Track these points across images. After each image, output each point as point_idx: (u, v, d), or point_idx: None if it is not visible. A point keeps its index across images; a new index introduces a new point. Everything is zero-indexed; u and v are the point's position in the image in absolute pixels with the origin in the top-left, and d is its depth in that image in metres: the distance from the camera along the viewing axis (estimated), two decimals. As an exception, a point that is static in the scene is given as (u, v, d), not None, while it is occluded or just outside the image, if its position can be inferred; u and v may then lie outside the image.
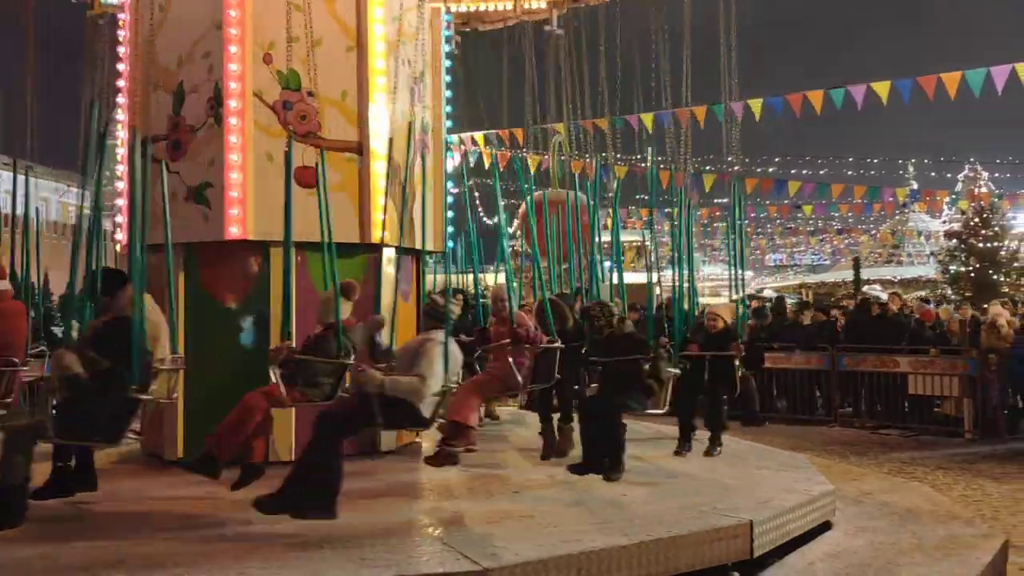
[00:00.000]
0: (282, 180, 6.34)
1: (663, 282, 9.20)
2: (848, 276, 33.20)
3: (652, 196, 10.24)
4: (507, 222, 14.74)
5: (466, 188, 9.73)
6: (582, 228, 10.74)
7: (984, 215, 31.55)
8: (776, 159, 37.32)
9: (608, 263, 9.83)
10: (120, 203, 8.74)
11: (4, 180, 6.25)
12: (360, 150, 8.16)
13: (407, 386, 5.85)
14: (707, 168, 29.90)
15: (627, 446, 7.32)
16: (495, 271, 10.70)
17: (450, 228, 9.74)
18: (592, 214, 9.38)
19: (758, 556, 5.86)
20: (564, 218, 10.31)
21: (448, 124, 9.82)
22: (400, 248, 7.95)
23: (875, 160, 38.95)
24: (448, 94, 9.75)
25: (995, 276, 30.08)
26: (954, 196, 36.82)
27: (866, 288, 28.63)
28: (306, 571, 4.81)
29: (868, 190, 33.20)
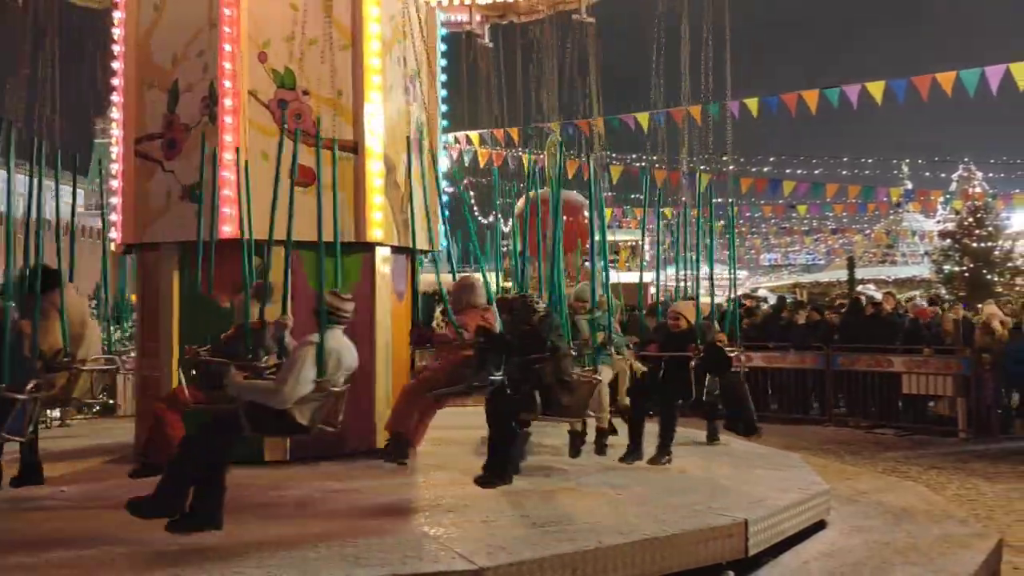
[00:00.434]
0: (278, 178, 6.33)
1: (658, 281, 9.22)
2: (842, 276, 33.18)
3: (645, 196, 10.25)
4: (502, 221, 14.73)
5: (463, 189, 9.68)
6: (578, 228, 10.75)
7: (978, 215, 31.57)
8: (771, 159, 37.39)
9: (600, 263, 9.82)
10: (115, 202, 8.72)
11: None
12: (356, 149, 8.15)
13: (258, 390, 5.50)
14: (703, 168, 29.88)
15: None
16: (493, 270, 10.65)
17: (445, 227, 9.72)
18: (591, 213, 9.38)
19: (753, 555, 5.86)
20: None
21: (443, 123, 9.80)
22: (396, 248, 7.95)
23: (869, 160, 38.99)
24: (444, 92, 9.73)
25: (989, 276, 30.11)
26: (948, 196, 36.85)
27: (860, 288, 28.64)
28: (300, 570, 4.80)
29: (863, 190, 33.26)
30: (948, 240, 32.20)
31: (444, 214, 9.54)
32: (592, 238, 8.53)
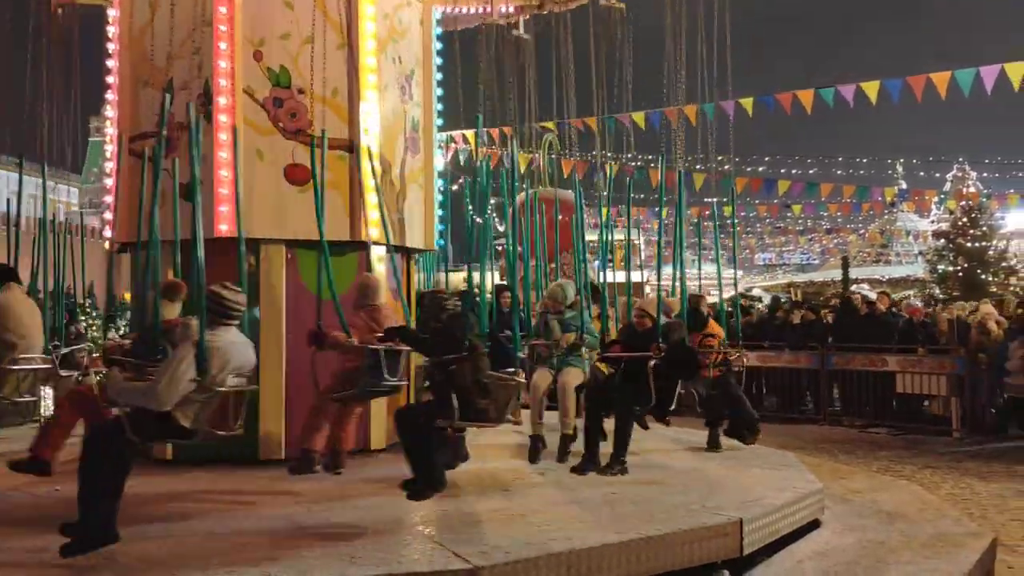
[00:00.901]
0: (274, 178, 6.34)
1: (652, 281, 9.24)
2: (837, 275, 33.24)
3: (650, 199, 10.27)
4: (494, 220, 14.73)
5: (466, 186, 9.64)
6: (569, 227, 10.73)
7: (972, 215, 31.65)
8: (766, 158, 37.43)
9: (597, 262, 9.83)
10: (109, 200, 8.70)
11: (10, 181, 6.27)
12: (351, 147, 8.14)
13: (136, 392, 5.27)
14: (697, 167, 29.92)
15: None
16: (490, 269, 10.64)
17: (440, 226, 9.73)
18: (586, 212, 9.38)
19: (747, 554, 5.87)
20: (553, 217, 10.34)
21: (439, 122, 9.79)
22: (392, 247, 7.94)
23: (864, 160, 39.05)
24: (439, 92, 9.72)
25: (983, 276, 30.18)
26: (942, 196, 36.94)
27: (855, 287, 28.69)
28: (296, 569, 4.80)
29: (857, 189, 33.31)
30: (942, 240, 32.28)
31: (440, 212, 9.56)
32: (575, 237, 8.50)
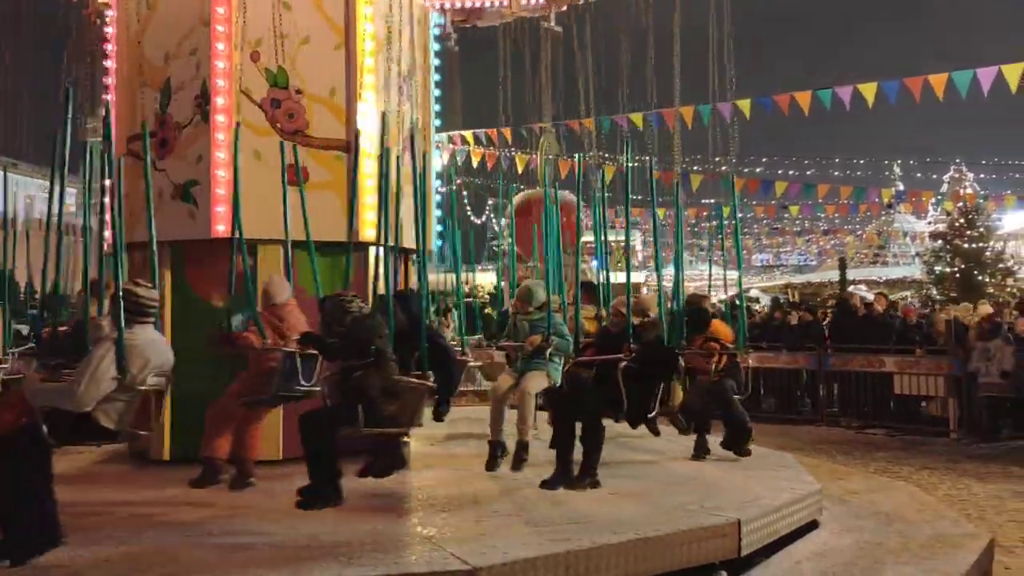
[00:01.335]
0: (271, 178, 6.33)
1: (650, 282, 9.21)
2: (834, 276, 33.27)
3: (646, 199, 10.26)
4: (492, 221, 14.73)
5: (463, 186, 9.65)
6: (568, 227, 10.74)
7: (969, 216, 31.70)
8: (763, 159, 37.44)
9: (595, 263, 9.81)
10: (106, 200, 8.68)
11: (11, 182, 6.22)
12: (348, 148, 8.14)
13: (54, 393, 5.16)
14: (695, 168, 29.95)
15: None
16: (484, 270, 10.65)
17: (438, 227, 9.72)
18: (582, 212, 9.35)
19: (745, 555, 5.87)
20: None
21: (437, 123, 9.79)
22: (390, 247, 7.91)
23: (861, 161, 39.08)
24: (437, 92, 9.72)
25: (980, 277, 30.23)
26: (939, 197, 37.01)
27: (852, 288, 28.72)
28: (292, 569, 4.79)
29: (854, 191, 33.35)
30: (939, 241, 32.33)
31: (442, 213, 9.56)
32: (546, 237, 8.33)
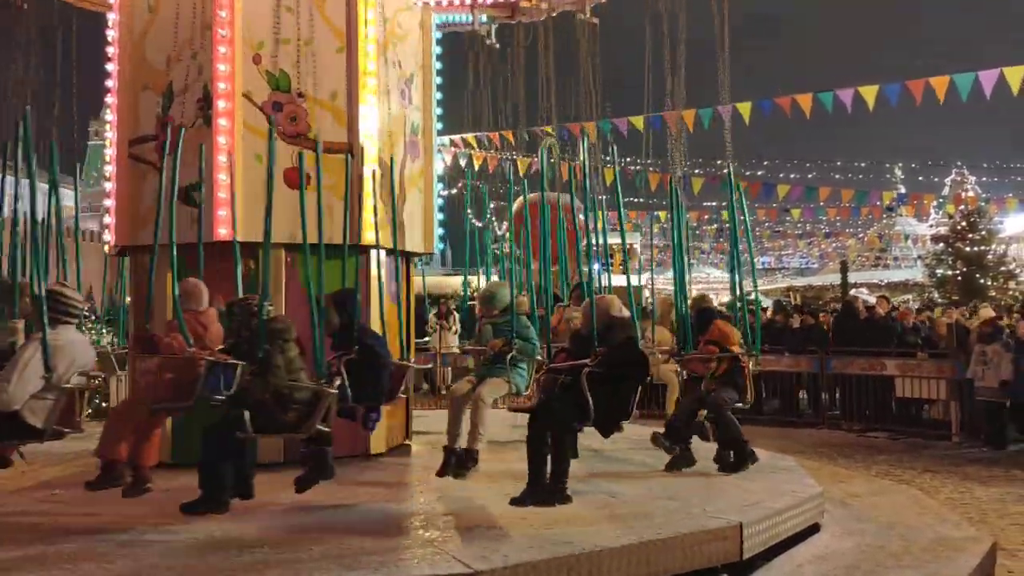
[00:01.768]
0: (273, 181, 6.32)
1: (653, 285, 9.19)
2: (835, 279, 33.31)
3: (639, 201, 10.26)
4: (494, 224, 14.75)
5: (469, 188, 9.62)
6: (569, 231, 10.74)
7: (971, 219, 31.72)
8: (764, 162, 37.49)
9: (597, 266, 9.80)
10: (108, 203, 8.70)
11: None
12: (350, 151, 8.15)
13: None
14: (696, 171, 30.00)
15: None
16: (486, 273, 10.65)
17: (440, 230, 9.73)
18: (582, 214, 9.34)
19: (747, 558, 5.87)
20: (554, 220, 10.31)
21: (438, 126, 9.80)
22: (391, 250, 7.94)
23: (863, 164, 39.11)
24: (439, 96, 9.73)
25: (982, 280, 30.23)
26: (941, 200, 37.03)
27: (853, 291, 28.73)
28: (294, 573, 4.79)
29: (856, 194, 33.37)
30: (941, 244, 32.34)
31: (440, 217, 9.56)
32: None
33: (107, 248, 8.89)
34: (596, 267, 9.29)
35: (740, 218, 9.02)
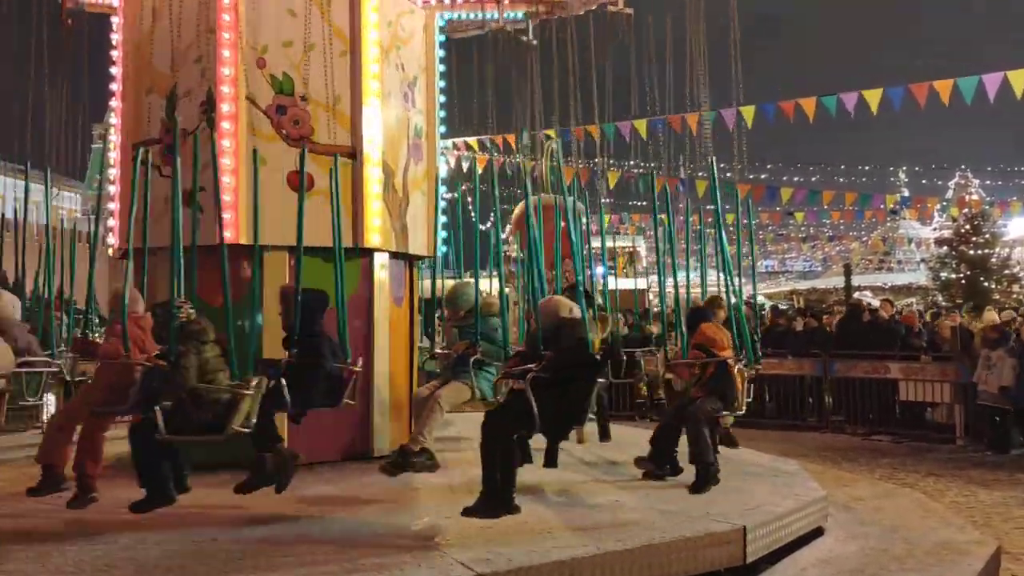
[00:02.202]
0: (276, 184, 6.36)
1: (655, 287, 9.16)
2: (839, 283, 33.30)
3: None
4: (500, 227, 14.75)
5: (476, 191, 9.57)
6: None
7: (975, 222, 31.70)
8: (768, 166, 37.49)
9: (600, 269, 9.80)
10: (112, 207, 8.72)
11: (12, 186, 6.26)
12: (353, 154, 8.15)
13: None
14: (700, 174, 29.97)
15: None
16: (489, 276, 10.65)
17: (443, 233, 9.72)
18: (583, 219, 9.33)
19: (750, 562, 5.86)
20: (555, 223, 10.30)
21: (442, 129, 9.80)
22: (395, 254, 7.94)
23: (866, 167, 39.10)
24: (442, 99, 9.74)
25: (986, 283, 30.20)
26: (945, 203, 37.01)
27: (857, 295, 28.71)
28: (295, 574, 4.80)
29: (859, 197, 33.36)
30: (945, 247, 32.32)
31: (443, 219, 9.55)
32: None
33: (110, 251, 8.91)
34: (599, 270, 9.29)
35: (726, 219, 8.92)
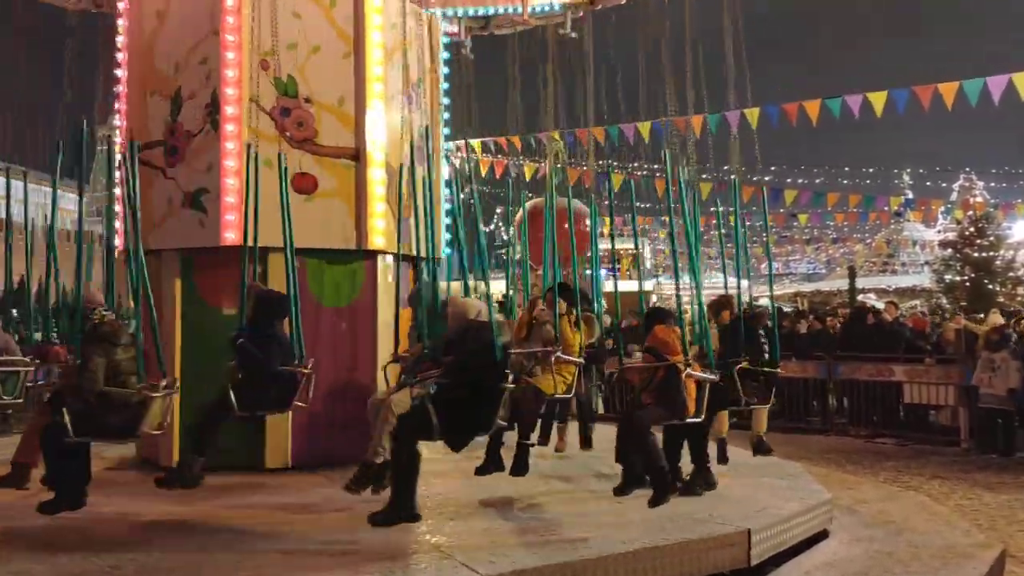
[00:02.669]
0: (279, 186, 6.36)
1: (661, 290, 9.14)
2: (843, 285, 33.25)
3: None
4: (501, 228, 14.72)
5: (476, 193, 9.56)
6: (577, 235, 10.71)
7: (979, 224, 31.65)
8: (772, 168, 37.45)
9: (604, 271, 9.77)
10: (117, 209, 8.71)
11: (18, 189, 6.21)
12: (357, 157, 8.16)
13: None
14: (704, 176, 29.95)
15: None
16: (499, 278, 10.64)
17: (447, 235, 9.72)
18: (591, 218, 9.31)
19: (755, 564, 5.85)
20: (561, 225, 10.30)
21: (446, 131, 9.81)
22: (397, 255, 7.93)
23: (870, 169, 39.04)
24: (446, 100, 9.74)
25: (990, 286, 30.15)
26: (949, 205, 36.96)
27: (861, 297, 28.68)
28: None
29: (863, 199, 33.31)
30: (949, 250, 32.27)
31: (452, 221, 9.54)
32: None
33: (116, 252, 8.90)
34: (602, 271, 9.26)
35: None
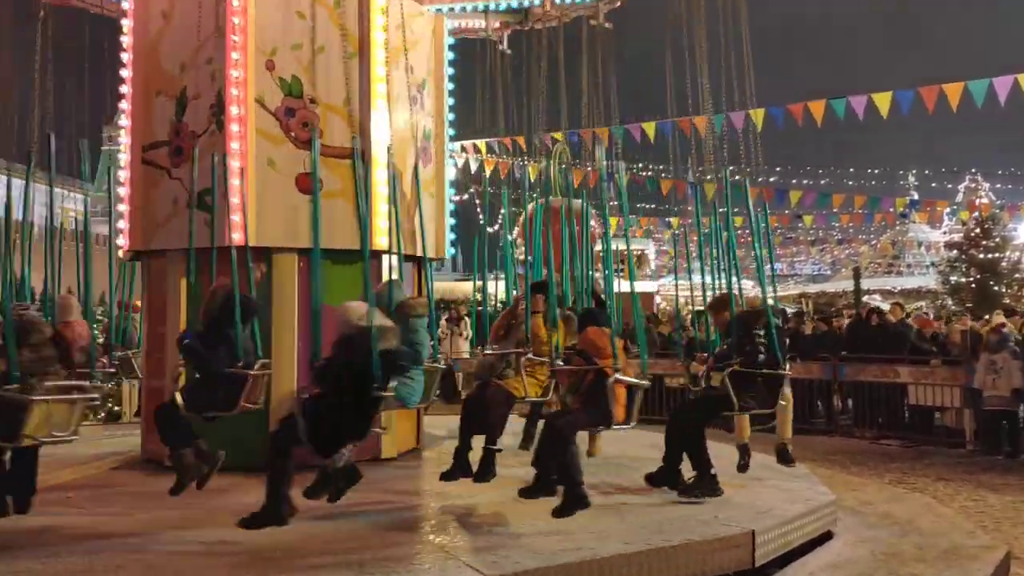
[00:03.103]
0: (285, 186, 6.37)
1: (664, 290, 9.13)
2: (848, 286, 33.21)
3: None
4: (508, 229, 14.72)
5: (486, 192, 9.58)
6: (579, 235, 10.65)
7: (985, 226, 31.59)
8: (777, 168, 37.39)
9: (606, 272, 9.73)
10: (122, 209, 8.74)
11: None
12: (362, 157, 8.16)
13: None
14: (708, 177, 29.93)
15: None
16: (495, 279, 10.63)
17: (451, 235, 9.73)
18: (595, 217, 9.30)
19: (759, 566, 5.85)
20: (565, 226, 10.27)
21: (450, 132, 9.81)
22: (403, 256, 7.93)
23: (875, 171, 38.96)
24: (451, 101, 9.74)
25: (996, 287, 30.09)
26: (954, 207, 36.92)
27: (866, 298, 28.65)
28: (306, 578, 4.81)
29: (868, 200, 33.26)
30: (954, 251, 32.21)
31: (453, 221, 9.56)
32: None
33: (121, 253, 8.92)
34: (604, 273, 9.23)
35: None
